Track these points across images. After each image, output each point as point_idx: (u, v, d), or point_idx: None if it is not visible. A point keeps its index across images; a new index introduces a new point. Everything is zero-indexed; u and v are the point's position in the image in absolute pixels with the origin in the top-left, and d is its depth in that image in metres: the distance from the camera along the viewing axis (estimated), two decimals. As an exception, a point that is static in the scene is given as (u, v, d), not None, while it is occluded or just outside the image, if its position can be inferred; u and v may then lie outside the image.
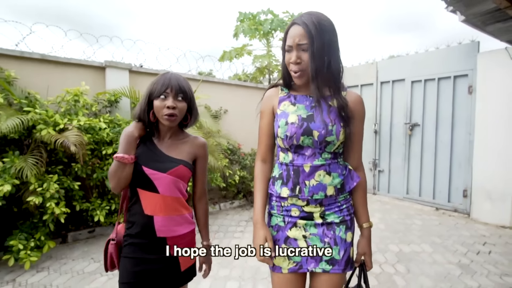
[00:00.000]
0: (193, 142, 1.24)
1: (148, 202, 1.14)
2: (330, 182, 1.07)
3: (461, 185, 4.03)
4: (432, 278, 2.44)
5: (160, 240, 1.14)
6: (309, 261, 1.09)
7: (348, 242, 1.12)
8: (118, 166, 1.09)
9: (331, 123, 1.04)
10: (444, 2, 2.18)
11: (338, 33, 1.05)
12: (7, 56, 3.04)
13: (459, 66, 3.98)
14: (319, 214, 1.09)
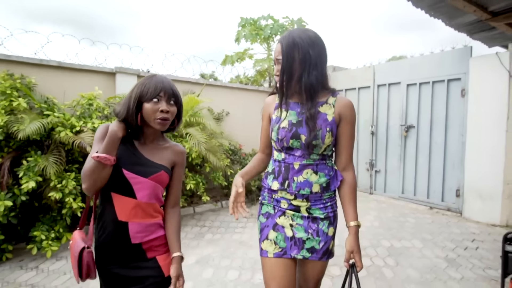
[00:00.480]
0: (173, 149, 1.22)
1: (122, 207, 1.09)
2: (316, 180, 1.19)
3: (454, 185, 4.23)
4: (419, 270, 2.65)
5: (135, 246, 1.10)
6: (293, 248, 1.21)
7: (329, 236, 1.23)
8: (97, 166, 1.02)
9: (317, 128, 1.15)
10: (428, 14, 2.39)
11: (320, 48, 1.15)
12: (28, 64, 3.33)
13: (452, 70, 4.18)
14: (305, 209, 1.21)
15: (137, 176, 1.09)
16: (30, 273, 2.56)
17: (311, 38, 1.14)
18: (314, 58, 1.13)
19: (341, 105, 1.20)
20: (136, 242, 1.10)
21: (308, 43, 1.12)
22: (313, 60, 1.13)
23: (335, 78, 5.81)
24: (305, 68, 1.13)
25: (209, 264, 2.72)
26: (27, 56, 3.34)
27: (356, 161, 5.45)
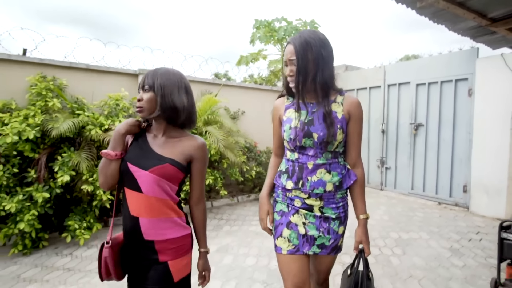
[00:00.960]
0: (188, 142, 1.18)
1: (133, 202, 1.10)
2: (329, 180, 1.24)
3: (461, 181, 4.39)
4: (424, 259, 2.85)
5: (148, 244, 1.10)
6: (305, 245, 1.29)
7: (339, 234, 1.31)
8: (104, 162, 1.10)
9: (326, 127, 1.21)
10: (432, 21, 2.58)
11: (330, 49, 1.22)
12: (59, 67, 3.63)
13: (460, 70, 4.33)
14: (318, 208, 1.27)
15: (139, 169, 1.08)
16: (65, 259, 2.85)
17: (322, 39, 1.20)
18: (326, 57, 1.19)
19: (349, 103, 1.25)
20: (149, 239, 1.09)
21: (320, 44, 1.18)
22: (325, 59, 1.19)
23: (347, 78, 6.00)
24: (318, 68, 1.18)
25: (228, 252, 2.97)
26: (58, 60, 3.64)
27: (367, 158, 5.64)
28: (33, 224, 2.78)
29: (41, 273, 2.57)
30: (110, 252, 1.12)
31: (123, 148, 1.13)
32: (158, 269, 1.10)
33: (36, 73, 3.44)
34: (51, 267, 2.69)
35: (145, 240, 1.09)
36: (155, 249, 1.10)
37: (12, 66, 3.38)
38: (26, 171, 3.00)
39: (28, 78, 3.33)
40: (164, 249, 1.11)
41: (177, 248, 1.13)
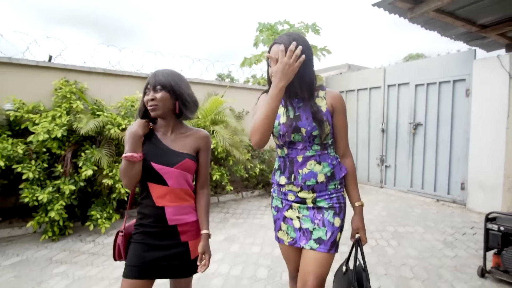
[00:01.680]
0: (195, 135, 1.31)
1: (157, 194, 1.22)
2: (320, 170, 1.27)
3: (459, 178, 4.56)
4: (418, 250, 3.06)
5: (172, 228, 1.24)
6: (301, 238, 1.30)
7: (336, 226, 1.28)
8: (127, 165, 1.17)
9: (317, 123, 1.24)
10: (424, 28, 2.78)
11: (311, 51, 1.26)
12: (80, 71, 3.95)
13: (457, 72, 4.50)
14: (311, 200, 1.29)
15: (164, 166, 1.21)
16: (89, 245, 3.16)
17: (305, 40, 1.23)
18: (311, 59, 1.24)
19: (332, 97, 1.30)
20: (173, 224, 1.23)
21: (306, 45, 1.21)
22: (311, 61, 1.24)
23: (349, 78, 6.21)
24: (306, 68, 1.21)
25: (235, 241, 3.24)
26: (79, 65, 3.96)
27: (367, 156, 5.84)
28: (61, 213, 3.09)
29: (69, 256, 2.88)
30: (122, 240, 1.27)
31: (141, 149, 1.21)
32: (180, 248, 1.25)
33: (60, 78, 3.77)
34: (77, 251, 3.00)
35: (169, 225, 1.23)
36: (178, 231, 1.24)
37: (39, 72, 3.71)
38: (54, 166, 3.32)
39: (54, 82, 3.67)
40: (185, 231, 1.26)
41: (196, 229, 1.29)
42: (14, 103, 3.41)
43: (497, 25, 2.67)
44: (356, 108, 6.06)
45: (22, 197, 3.05)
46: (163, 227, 1.23)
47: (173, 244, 1.24)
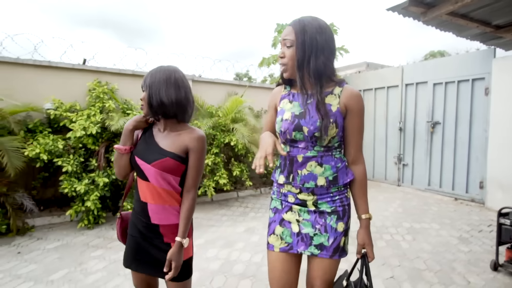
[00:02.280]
0: (187, 135, 1.26)
1: (142, 189, 1.25)
2: (321, 173, 1.16)
3: (478, 177, 4.59)
4: (432, 245, 3.17)
5: (155, 227, 1.24)
6: (300, 244, 1.20)
7: (339, 231, 1.19)
8: (116, 156, 1.26)
9: (320, 119, 1.12)
10: (439, 29, 2.88)
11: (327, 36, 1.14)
12: (111, 73, 4.28)
13: (476, 70, 4.53)
14: (312, 203, 1.19)
15: (143, 162, 1.22)
16: (119, 233, 3.46)
17: (320, 25, 1.14)
18: (321, 44, 1.12)
19: (347, 96, 1.17)
20: (155, 222, 1.23)
21: (317, 29, 1.12)
22: (320, 45, 1.12)
23: (366, 78, 6.29)
24: (311, 52, 1.12)
25: (255, 233, 3.46)
26: (110, 67, 4.30)
27: (385, 155, 5.92)
28: (96, 203, 3.41)
29: (104, 242, 3.19)
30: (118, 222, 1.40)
31: (132, 143, 1.27)
32: (162, 249, 1.24)
33: (94, 79, 4.11)
34: (110, 238, 3.31)
35: (151, 223, 1.23)
36: (159, 232, 1.24)
37: (75, 74, 4.07)
38: (89, 160, 3.65)
39: (88, 84, 4.01)
40: (168, 232, 1.24)
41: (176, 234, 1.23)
42: (54, 103, 3.77)
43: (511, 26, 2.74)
44: (373, 106, 6.14)
45: (61, 188, 3.39)
46: (147, 223, 1.25)
47: (156, 243, 1.25)
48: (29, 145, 3.38)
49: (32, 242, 3.18)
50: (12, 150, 3.20)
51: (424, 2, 2.36)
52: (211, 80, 5.14)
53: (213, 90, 5.17)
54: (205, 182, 4.18)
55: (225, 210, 4.35)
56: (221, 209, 4.38)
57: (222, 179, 4.25)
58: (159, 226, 1.23)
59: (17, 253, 2.92)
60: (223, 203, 4.68)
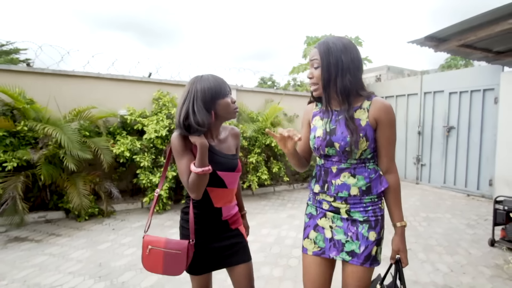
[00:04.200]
0: (232, 135, 1.49)
1: (218, 197, 1.36)
2: (354, 183, 1.27)
3: (487, 175, 5.40)
4: (443, 229, 4.03)
5: (224, 222, 1.42)
6: (332, 249, 1.31)
7: (370, 240, 1.26)
8: (201, 179, 1.23)
9: (350, 135, 1.23)
10: (449, 54, 3.73)
11: (353, 56, 1.24)
12: (170, 84, 5.31)
13: (487, 82, 5.34)
14: (345, 211, 1.29)
15: (227, 173, 1.35)
16: (184, 217, 4.45)
17: (344, 44, 1.25)
18: (347, 63, 1.22)
19: (376, 109, 1.25)
20: (225, 219, 1.42)
21: (341, 49, 1.23)
22: (345, 65, 1.22)
23: (388, 86, 7.16)
24: (338, 72, 1.23)
25: (296, 218, 4.39)
26: (169, 79, 5.32)
27: (404, 156, 6.78)
28: (167, 192, 4.42)
29: (174, 223, 4.17)
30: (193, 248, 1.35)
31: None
32: (234, 234, 1.46)
33: (157, 90, 5.14)
34: (177, 220, 4.28)
35: (222, 220, 1.41)
36: (229, 223, 1.44)
37: (142, 85, 5.11)
38: (158, 157, 4.67)
39: (154, 94, 5.04)
40: (233, 221, 1.46)
41: (238, 218, 1.51)
42: (128, 110, 4.81)
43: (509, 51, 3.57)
44: (395, 112, 6.98)
45: (139, 180, 4.40)
46: (217, 223, 1.40)
47: (227, 234, 1.43)
48: (113, 144, 4.42)
49: (119, 222, 4.20)
50: (104, 148, 4.24)
51: (436, 39, 3.23)
52: (251, 89, 6.15)
53: (254, 98, 6.15)
54: (249, 177, 5.15)
55: (266, 201, 5.31)
56: (262, 201, 5.34)
57: (264, 175, 5.22)
58: (228, 220, 1.44)
59: (112, 229, 3.93)
60: (262, 196, 5.65)
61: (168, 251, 1.30)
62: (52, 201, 4.16)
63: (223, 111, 1.31)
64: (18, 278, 2.64)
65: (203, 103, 1.25)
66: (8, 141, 3.71)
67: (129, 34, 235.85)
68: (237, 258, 1.43)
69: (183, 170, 1.26)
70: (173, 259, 1.30)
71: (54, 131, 3.59)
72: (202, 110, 1.24)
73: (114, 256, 3.09)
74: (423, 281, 2.66)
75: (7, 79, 4.09)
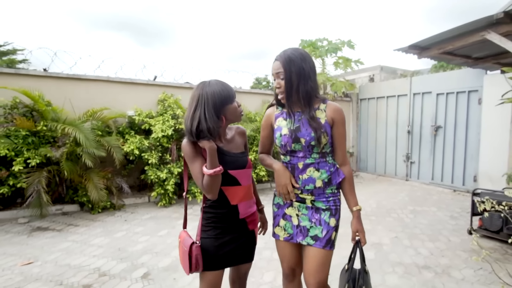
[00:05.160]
0: (238, 134, 1.56)
1: (234, 195, 1.43)
2: (318, 177, 1.45)
3: (472, 172, 5.82)
4: (428, 220, 4.42)
5: (242, 221, 1.48)
6: (298, 235, 1.50)
7: (331, 226, 1.47)
8: (214, 179, 1.31)
9: (313, 131, 1.42)
10: (433, 60, 4.12)
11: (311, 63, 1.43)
12: (174, 87, 5.67)
13: (472, 83, 5.75)
14: (310, 201, 1.49)
15: (238, 171, 1.43)
16: (189, 210, 4.80)
17: (302, 54, 1.42)
18: (307, 70, 1.40)
19: (332, 110, 1.47)
20: (242, 217, 1.47)
21: (301, 58, 1.40)
22: (306, 72, 1.40)
23: (379, 87, 7.56)
24: (300, 80, 1.39)
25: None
26: (172, 82, 5.68)
27: (395, 154, 7.18)
28: (173, 187, 4.78)
29: (181, 216, 4.53)
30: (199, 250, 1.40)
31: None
32: (248, 235, 1.53)
33: (162, 92, 5.50)
34: (181, 213, 4.65)
35: (240, 219, 1.46)
36: (246, 222, 1.49)
37: (148, 88, 5.46)
38: (164, 155, 5.02)
39: (159, 96, 5.40)
40: (250, 221, 1.52)
41: (256, 218, 1.57)
42: (136, 111, 5.16)
43: (487, 58, 3.98)
44: (385, 112, 7.40)
45: (147, 176, 4.76)
46: (235, 221, 1.46)
47: (243, 233, 1.49)
48: (123, 143, 4.77)
49: (129, 214, 4.56)
50: (115, 147, 4.59)
51: (419, 47, 3.62)
52: (249, 91, 6.54)
53: (251, 99, 6.52)
54: (249, 174, 5.52)
55: (264, 196, 5.67)
56: (261, 196, 5.61)
57: (262, 171, 5.59)
58: (245, 218, 1.49)
59: (124, 220, 4.29)
60: (260, 191, 6.00)
61: (182, 246, 1.43)
62: (68, 195, 4.51)
63: (231, 115, 1.40)
64: (49, 260, 3.00)
65: (214, 110, 1.31)
66: (30, 140, 4.05)
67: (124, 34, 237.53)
68: (244, 257, 1.53)
69: (197, 174, 1.34)
70: (183, 255, 1.40)
71: (73, 131, 3.94)
72: (213, 116, 1.30)
73: (131, 243, 3.45)
74: (406, 262, 3.05)
75: (25, 83, 4.43)
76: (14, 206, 4.34)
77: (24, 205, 3.89)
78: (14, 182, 3.93)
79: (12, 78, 4.49)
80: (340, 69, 7.41)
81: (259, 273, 2.79)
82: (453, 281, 2.71)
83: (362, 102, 8.13)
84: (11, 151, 3.90)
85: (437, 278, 2.76)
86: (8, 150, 3.87)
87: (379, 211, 4.79)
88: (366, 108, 8.01)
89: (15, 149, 3.94)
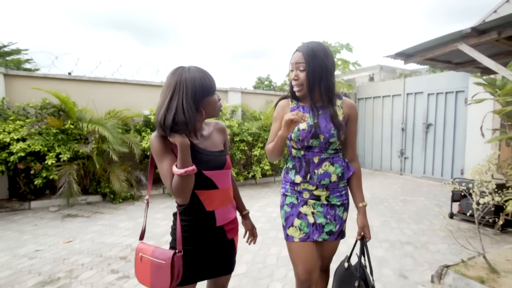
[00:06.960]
0: (217, 130, 1.39)
1: (210, 199, 1.26)
2: (333, 171, 1.48)
3: (459, 166, 6.39)
4: (417, 208, 4.98)
5: (219, 229, 1.32)
6: (314, 232, 1.50)
7: (344, 219, 1.55)
8: (186, 180, 1.13)
9: (333, 128, 1.43)
10: (419, 65, 4.69)
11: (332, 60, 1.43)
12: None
13: (459, 84, 6.33)
14: (325, 197, 1.50)
15: (215, 172, 1.26)
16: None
17: (326, 49, 1.43)
18: (330, 67, 1.41)
19: (348, 107, 1.51)
20: (220, 224, 1.31)
21: (324, 54, 1.40)
22: (329, 68, 1.41)
23: (376, 87, 8.14)
24: (323, 75, 1.40)
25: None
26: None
27: (390, 150, 7.77)
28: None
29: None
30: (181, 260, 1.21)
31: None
32: (227, 246, 1.37)
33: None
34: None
35: (217, 226, 1.31)
36: (224, 230, 1.34)
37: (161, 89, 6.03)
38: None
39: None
40: (230, 229, 1.37)
41: (236, 225, 1.43)
42: (151, 111, 5.73)
43: (465, 63, 4.54)
44: (381, 111, 7.98)
45: (162, 169, 5.33)
46: (211, 229, 1.29)
47: (221, 243, 1.33)
48: (141, 140, 5.35)
49: (146, 204, 5.14)
50: (135, 143, 5.17)
51: (404, 55, 4.18)
52: (254, 92, 7.12)
53: (256, 99, 7.10)
54: (253, 168, 6.10)
55: (268, 189, 6.26)
56: (265, 188, 6.30)
57: (266, 166, 6.17)
58: (223, 226, 1.33)
59: (143, 209, 4.87)
60: (265, 185, 6.60)
61: (154, 260, 1.20)
62: (92, 187, 5.09)
63: (211, 109, 1.25)
64: (86, 239, 3.58)
65: (193, 100, 1.15)
66: (60, 137, 4.63)
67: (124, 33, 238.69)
68: (223, 269, 1.37)
69: (165, 173, 1.18)
70: (159, 270, 1.19)
71: (100, 128, 4.52)
72: (191, 107, 1.14)
73: (153, 226, 4.03)
74: (391, 239, 3.63)
75: (52, 85, 5.01)
76: (44, 196, 4.93)
77: (57, 194, 4.46)
78: (46, 175, 4.50)
79: (41, 81, 5.07)
80: (339, 70, 7.97)
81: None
82: (429, 253, 3.28)
83: (360, 102, 8.70)
84: (44, 146, 4.47)
85: (416, 251, 3.33)
86: (42, 146, 4.44)
87: (373, 201, 5.36)
88: (363, 107, 8.58)
89: (47, 145, 4.51)
